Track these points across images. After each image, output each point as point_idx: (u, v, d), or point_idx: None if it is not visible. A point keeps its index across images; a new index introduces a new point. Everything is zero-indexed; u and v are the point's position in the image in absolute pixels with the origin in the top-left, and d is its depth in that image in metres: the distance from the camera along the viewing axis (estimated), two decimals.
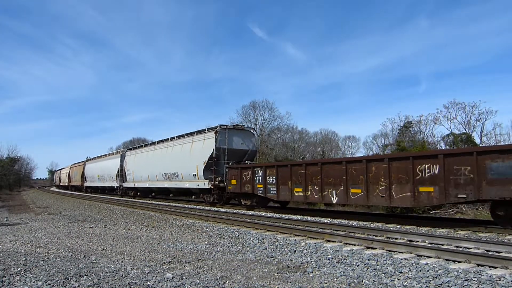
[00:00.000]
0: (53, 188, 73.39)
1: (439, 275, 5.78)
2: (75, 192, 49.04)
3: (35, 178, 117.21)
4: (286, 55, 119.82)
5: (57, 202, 30.73)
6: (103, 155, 42.95)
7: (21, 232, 11.73)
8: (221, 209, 19.10)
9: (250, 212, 17.03)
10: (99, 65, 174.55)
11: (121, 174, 34.43)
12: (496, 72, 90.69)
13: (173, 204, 23.30)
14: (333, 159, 18.69)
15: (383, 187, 12.57)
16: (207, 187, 21.57)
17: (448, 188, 10.85)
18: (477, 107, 28.26)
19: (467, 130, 28.41)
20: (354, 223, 12.68)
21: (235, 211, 18.03)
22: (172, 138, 27.39)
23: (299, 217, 14.71)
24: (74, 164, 56.69)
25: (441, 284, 5.35)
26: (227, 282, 5.59)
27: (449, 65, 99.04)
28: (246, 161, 22.15)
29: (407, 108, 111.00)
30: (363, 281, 5.66)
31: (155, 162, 28.04)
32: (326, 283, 5.54)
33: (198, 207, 20.97)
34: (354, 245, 8.40)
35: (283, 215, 15.51)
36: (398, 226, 11.63)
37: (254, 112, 43.34)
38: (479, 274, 5.72)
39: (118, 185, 35.01)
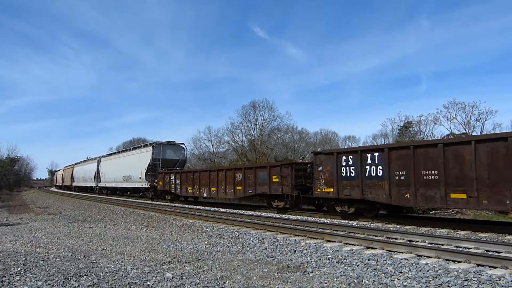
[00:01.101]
0: (53, 188, 73.50)
1: (439, 275, 5.78)
2: (74, 192, 49.61)
3: (35, 178, 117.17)
4: (286, 55, 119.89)
5: (57, 202, 30.74)
6: (86, 159, 50.66)
7: (21, 232, 11.73)
8: (221, 209, 19.16)
9: (250, 212, 17.08)
10: (99, 65, 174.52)
11: (97, 176, 42.15)
12: (496, 72, 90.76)
13: (173, 204, 23.69)
14: (204, 169, 26.98)
15: (223, 186, 20.82)
16: (147, 186, 29.95)
17: (246, 187, 19.10)
18: (477, 107, 28.20)
19: (467, 130, 28.37)
20: (354, 223, 12.69)
21: (235, 211, 18.07)
22: (130, 149, 36.83)
23: (299, 217, 14.73)
24: (66, 166, 64.53)
25: (441, 284, 5.35)
26: (227, 282, 5.59)
27: (449, 65, 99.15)
28: (177, 168, 29.79)
29: (408, 108, 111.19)
30: (363, 281, 5.66)
31: (118, 167, 36.15)
32: (326, 283, 5.54)
33: (198, 207, 21.19)
34: (354, 245, 8.40)
35: (283, 215, 15.53)
36: (398, 226, 11.64)
37: (254, 112, 43.29)
38: (479, 274, 5.72)
39: (95, 185, 42.91)
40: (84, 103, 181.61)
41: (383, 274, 5.97)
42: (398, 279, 5.69)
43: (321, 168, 14.81)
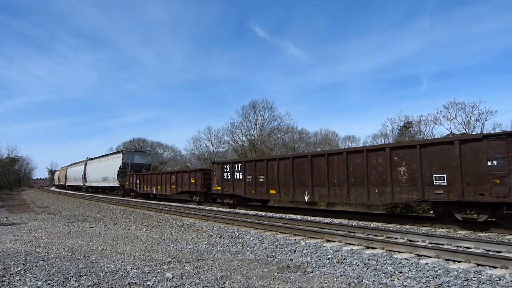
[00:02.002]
0: (53, 188, 73.68)
1: (439, 275, 5.78)
2: (74, 192, 49.92)
3: (35, 178, 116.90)
4: (287, 55, 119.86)
5: (57, 202, 30.72)
6: (77, 162, 57.12)
7: (21, 231, 11.72)
8: (221, 209, 19.15)
9: (250, 212, 17.08)
10: (99, 64, 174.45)
11: (84, 176, 49.72)
12: (496, 72, 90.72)
13: (173, 204, 23.75)
14: (152, 172, 33.22)
15: (164, 186, 28.04)
16: (119, 185, 37.60)
17: (177, 186, 26.07)
18: (477, 107, 28.16)
19: (467, 130, 28.33)
20: (354, 223, 12.68)
21: (235, 211, 18.06)
22: (107, 154, 44.98)
23: (299, 217, 14.72)
24: (62, 168, 72.91)
25: (441, 284, 5.35)
26: (227, 282, 5.59)
27: (449, 65, 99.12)
28: (144, 170, 37.23)
29: (408, 108, 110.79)
30: (363, 281, 5.65)
31: (99, 169, 44.10)
32: (326, 283, 5.53)
33: (198, 207, 21.19)
34: (354, 245, 8.40)
35: (283, 215, 15.53)
36: (398, 226, 11.63)
37: (254, 112, 43.27)
38: (479, 274, 5.72)
39: (82, 184, 50.54)
40: (84, 103, 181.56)
41: (383, 274, 5.96)
42: (398, 279, 5.69)
43: (215, 173, 21.49)
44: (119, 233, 11.15)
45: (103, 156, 45.75)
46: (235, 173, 19.63)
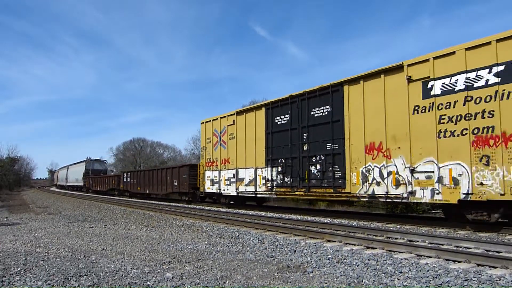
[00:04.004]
0: (53, 188, 73.85)
1: (439, 275, 5.78)
2: (76, 192, 50.30)
3: (35, 178, 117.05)
4: (287, 55, 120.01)
5: (57, 202, 30.75)
6: (64, 166, 72.15)
7: (21, 232, 11.73)
8: (221, 209, 19.18)
9: (250, 212, 17.09)
10: (100, 64, 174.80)
11: (66, 178, 65.61)
12: None
13: (173, 204, 23.77)
14: (100, 176, 48.76)
15: (101, 184, 46.28)
16: (83, 185, 51.98)
17: (108, 185, 42.86)
18: None
19: None
20: (354, 223, 12.69)
21: (235, 211, 18.08)
22: (79, 162, 60.34)
23: (299, 217, 14.73)
24: (57, 169, 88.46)
25: (441, 284, 5.35)
26: (227, 282, 5.59)
27: None
28: (101, 174, 51.84)
29: None
30: (363, 281, 5.66)
31: (74, 172, 60.70)
32: (326, 283, 5.54)
33: (198, 207, 21.20)
34: (354, 245, 8.40)
35: (283, 215, 15.55)
36: (398, 226, 11.64)
37: None
38: (479, 274, 5.72)
39: (65, 184, 66.27)
40: (84, 103, 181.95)
41: (383, 274, 5.97)
42: (398, 279, 5.69)
43: (121, 177, 37.38)
44: (119, 233, 11.16)
45: (77, 163, 61.88)
46: (128, 178, 35.44)
